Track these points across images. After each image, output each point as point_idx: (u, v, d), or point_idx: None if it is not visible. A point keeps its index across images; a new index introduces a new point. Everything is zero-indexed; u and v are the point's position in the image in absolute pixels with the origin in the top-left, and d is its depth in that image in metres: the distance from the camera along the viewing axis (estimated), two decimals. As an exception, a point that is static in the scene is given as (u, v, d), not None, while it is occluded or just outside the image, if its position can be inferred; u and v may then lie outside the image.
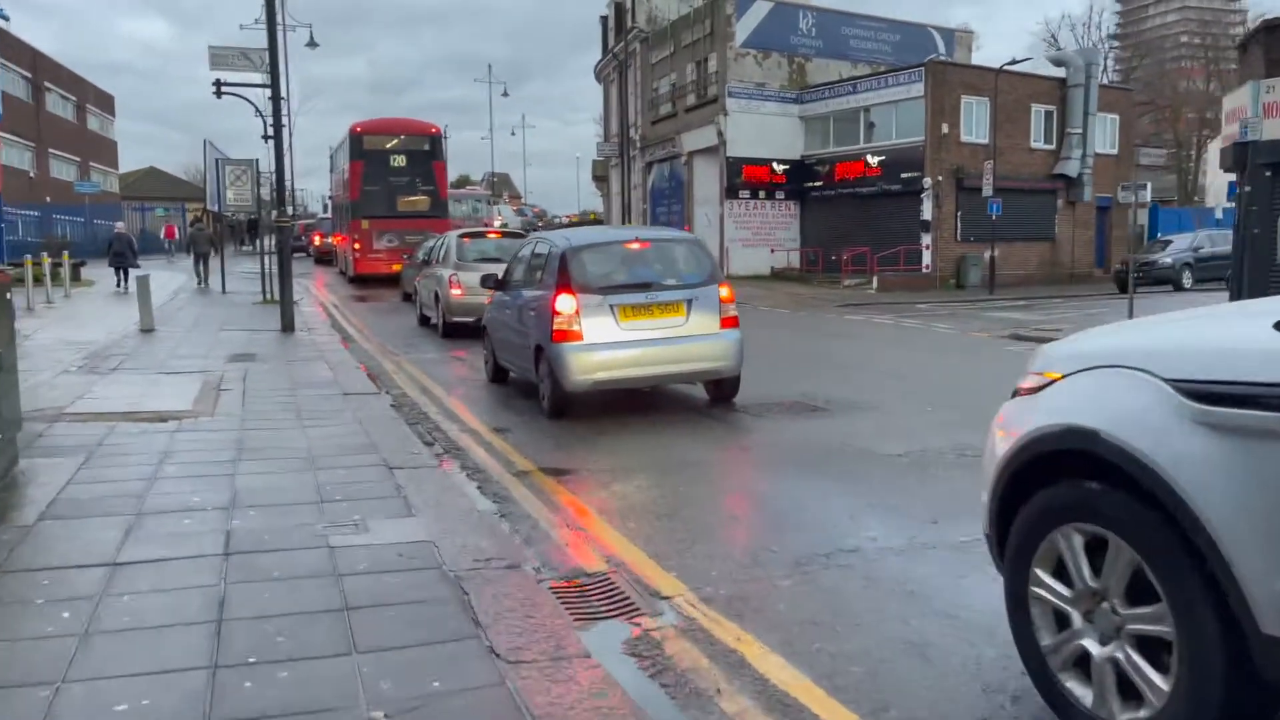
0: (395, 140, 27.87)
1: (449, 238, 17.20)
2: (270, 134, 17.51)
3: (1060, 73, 33.05)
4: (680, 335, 8.73)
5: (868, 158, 32.00)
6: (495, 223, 42.57)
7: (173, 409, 8.54)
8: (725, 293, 9.04)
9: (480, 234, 18.21)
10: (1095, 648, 2.90)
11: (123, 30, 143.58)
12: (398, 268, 24.21)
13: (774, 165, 34.02)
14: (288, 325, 15.38)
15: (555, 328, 8.54)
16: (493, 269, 12.71)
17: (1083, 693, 2.95)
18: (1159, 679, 2.69)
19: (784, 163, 34.17)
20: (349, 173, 28.00)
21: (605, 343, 8.53)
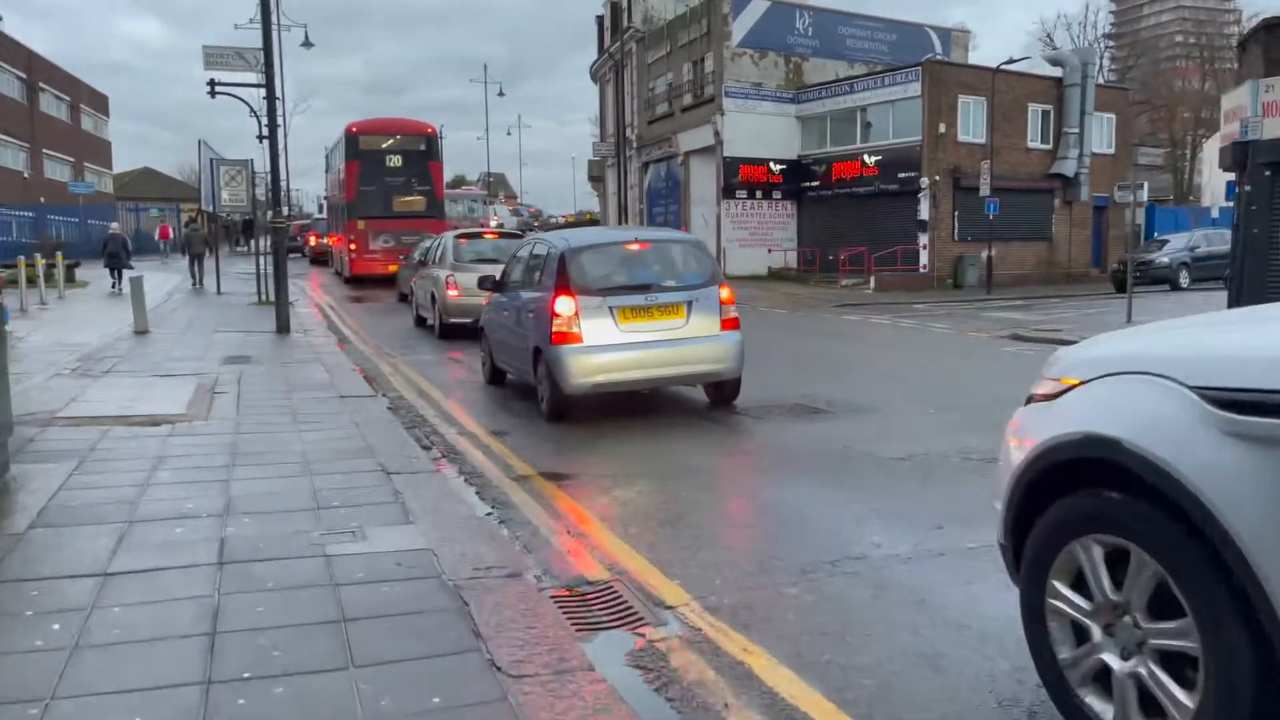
0: (391, 140, 27.77)
1: (445, 238, 17.11)
2: (265, 134, 17.36)
3: (1057, 72, 33.03)
4: (680, 337, 8.64)
5: (865, 157, 31.95)
6: (491, 223, 42.46)
7: (166, 412, 8.44)
8: (726, 294, 8.95)
9: (477, 234, 18.14)
10: (1116, 662, 2.82)
11: (117, 30, 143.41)
12: (394, 268, 24.14)
13: (771, 165, 33.96)
14: (283, 327, 15.28)
15: (554, 330, 8.45)
16: (489, 270, 12.62)
17: (1103, 708, 2.86)
18: (1184, 696, 2.60)
19: (781, 163, 34.12)
20: (345, 173, 27.90)
21: (605, 345, 8.44)
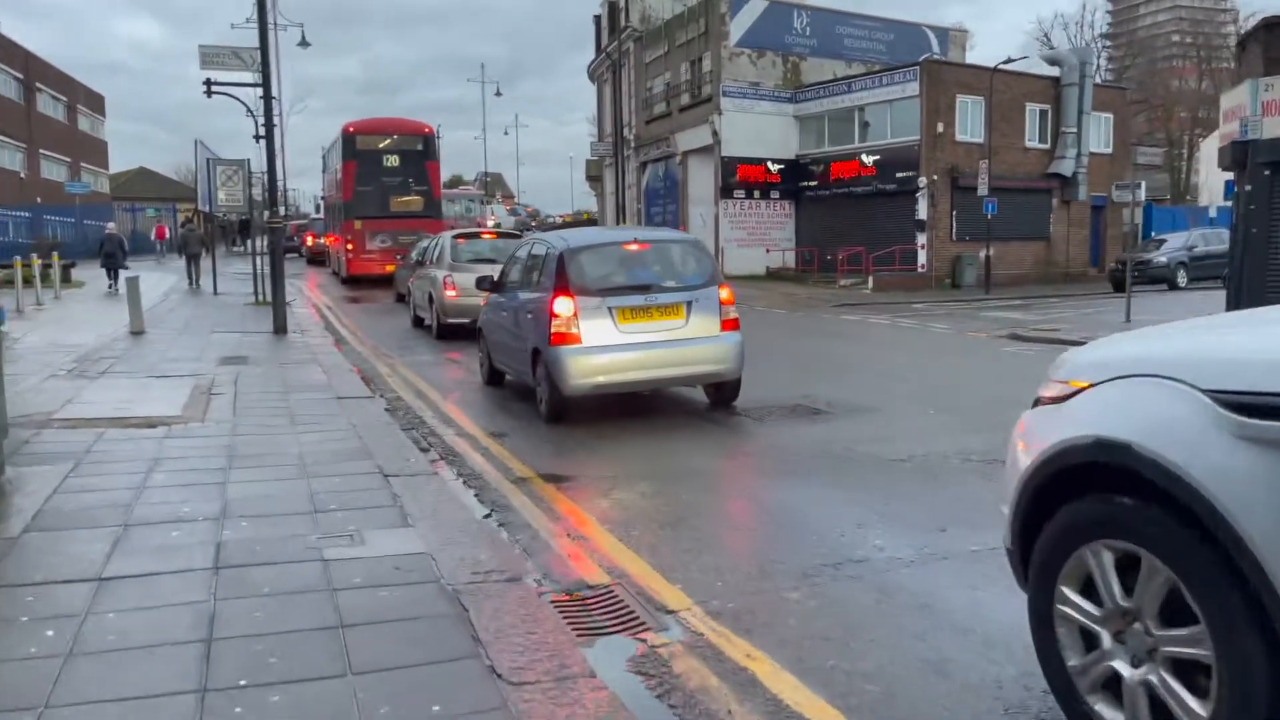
0: (388, 140, 27.69)
1: (443, 238, 17.05)
2: (262, 134, 17.31)
3: (1055, 72, 33.00)
4: (680, 338, 8.59)
5: (863, 157, 31.92)
6: (489, 223, 42.41)
7: (162, 414, 8.38)
8: (726, 294, 8.91)
9: (475, 234, 18.07)
10: (1127, 670, 2.77)
11: (114, 30, 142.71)
12: (391, 268, 24.07)
13: (769, 165, 33.92)
14: (280, 327, 15.21)
15: (553, 330, 8.40)
16: (487, 270, 12.58)
17: (1113, 716, 2.82)
18: (1196, 704, 2.56)
19: (779, 162, 34.08)
20: (342, 173, 27.83)
21: (604, 346, 8.39)
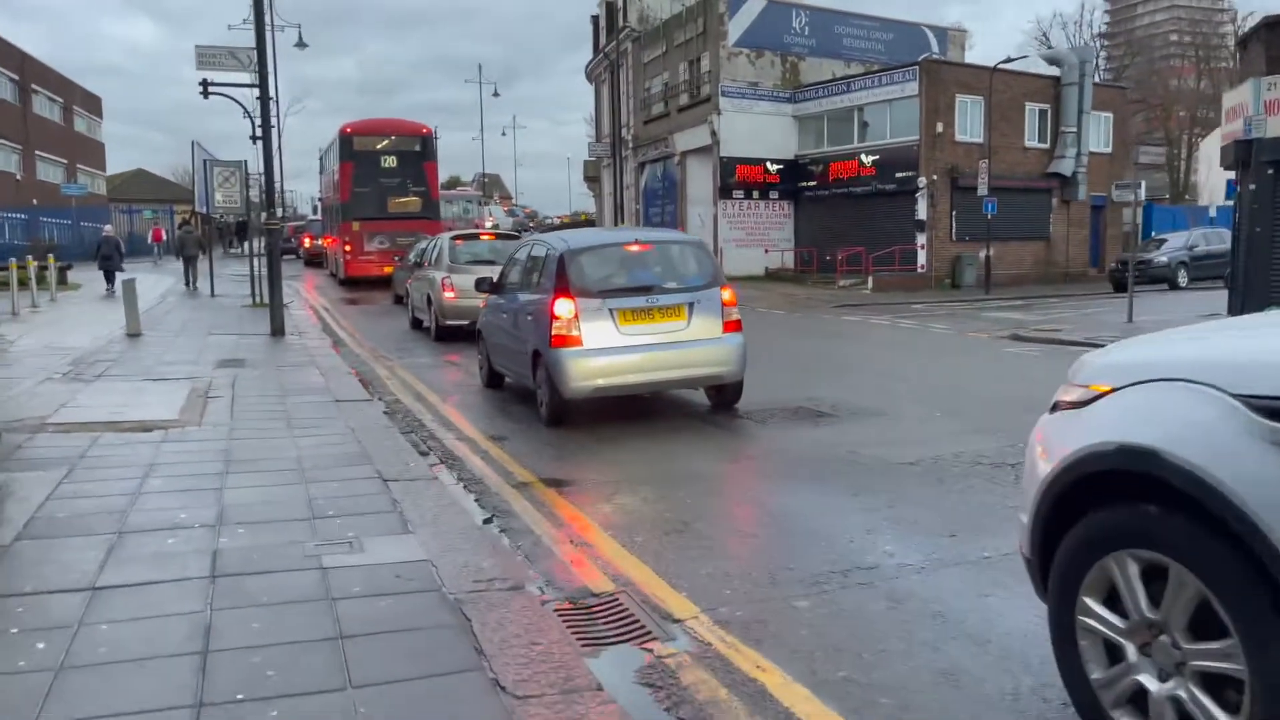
0: (386, 141, 27.59)
1: (441, 239, 16.95)
2: (259, 135, 17.21)
3: (1054, 71, 32.94)
4: (682, 340, 8.50)
5: (862, 157, 31.84)
6: (487, 224, 42.33)
7: (158, 418, 8.28)
8: (728, 296, 8.81)
9: (473, 235, 17.97)
10: (1153, 684, 2.68)
11: (110, 32, 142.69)
12: (389, 270, 23.97)
13: (768, 165, 33.84)
14: (278, 329, 15.11)
15: (554, 332, 8.30)
16: (486, 271, 12.48)
17: (1138, 732, 2.74)
18: (1227, 720, 2.47)
19: (778, 162, 34.00)
20: (339, 174, 27.73)
21: (605, 348, 8.30)
